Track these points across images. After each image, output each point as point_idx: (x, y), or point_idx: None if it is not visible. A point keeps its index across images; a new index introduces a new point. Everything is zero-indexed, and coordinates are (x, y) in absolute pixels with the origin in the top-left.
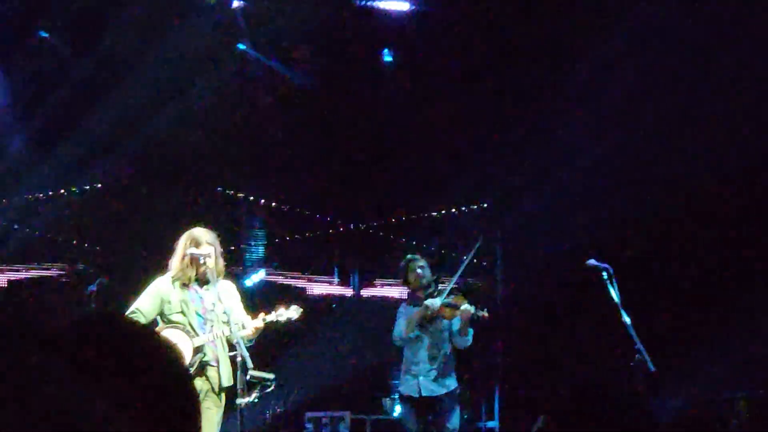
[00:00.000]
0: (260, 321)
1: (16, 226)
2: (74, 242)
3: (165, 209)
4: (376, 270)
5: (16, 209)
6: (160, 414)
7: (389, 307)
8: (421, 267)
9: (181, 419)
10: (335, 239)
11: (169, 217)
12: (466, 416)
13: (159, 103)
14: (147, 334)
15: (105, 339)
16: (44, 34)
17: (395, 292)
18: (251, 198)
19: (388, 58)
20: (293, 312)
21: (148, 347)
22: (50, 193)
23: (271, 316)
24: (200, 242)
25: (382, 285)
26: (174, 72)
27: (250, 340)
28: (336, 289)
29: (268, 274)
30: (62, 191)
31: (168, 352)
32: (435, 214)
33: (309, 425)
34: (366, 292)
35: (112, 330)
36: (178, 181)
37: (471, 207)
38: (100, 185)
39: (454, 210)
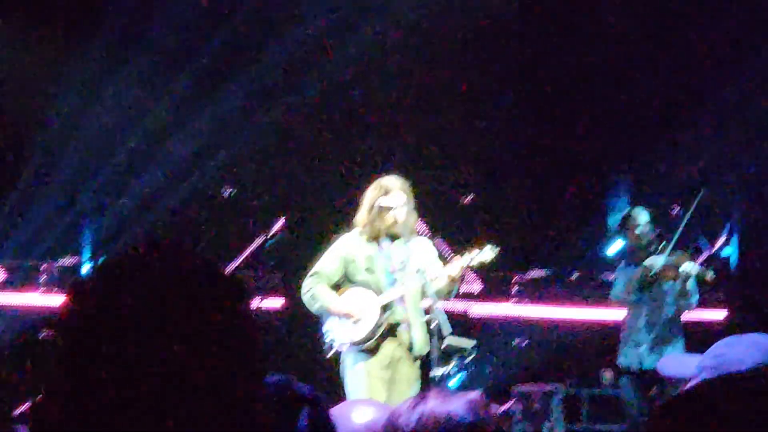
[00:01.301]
0: (454, 267)
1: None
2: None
3: (354, 157)
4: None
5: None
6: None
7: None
8: (644, 222)
9: (239, 355)
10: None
11: (359, 166)
12: None
13: (338, 34)
14: (209, 264)
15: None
16: None
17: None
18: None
19: None
20: (487, 253)
21: (210, 278)
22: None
23: (464, 260)
24: (390, 189)
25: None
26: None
27: (449, 292)
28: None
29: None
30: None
31: (233, 285)
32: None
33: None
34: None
35: (169, 261)
36: (366, 125)
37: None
38: (274, 129)
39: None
